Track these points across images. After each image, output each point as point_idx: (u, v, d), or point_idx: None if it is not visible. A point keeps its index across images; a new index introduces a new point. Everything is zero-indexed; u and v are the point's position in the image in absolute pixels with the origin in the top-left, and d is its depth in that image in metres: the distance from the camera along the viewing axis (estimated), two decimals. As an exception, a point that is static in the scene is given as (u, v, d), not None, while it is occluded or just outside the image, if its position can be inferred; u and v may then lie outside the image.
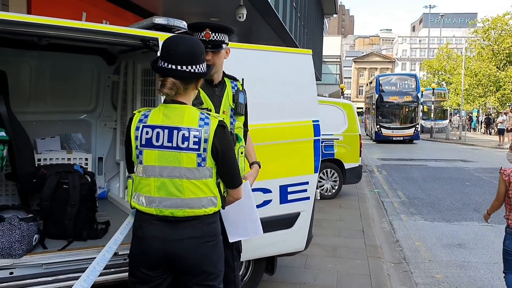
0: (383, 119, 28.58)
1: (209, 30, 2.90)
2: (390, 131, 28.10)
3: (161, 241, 2.27)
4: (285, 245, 4.08)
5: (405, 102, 28.84)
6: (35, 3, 7.80)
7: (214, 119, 2.33)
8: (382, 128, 28.16)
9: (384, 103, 28.66)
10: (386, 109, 28.80)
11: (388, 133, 28.05)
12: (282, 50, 4.14)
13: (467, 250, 6.49)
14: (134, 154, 2.34)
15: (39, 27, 3.04)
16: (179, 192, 2.27)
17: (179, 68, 2.29)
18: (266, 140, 3.84)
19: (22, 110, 4.45)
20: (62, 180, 3.58)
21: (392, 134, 28.09)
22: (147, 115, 2.35)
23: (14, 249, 3.06)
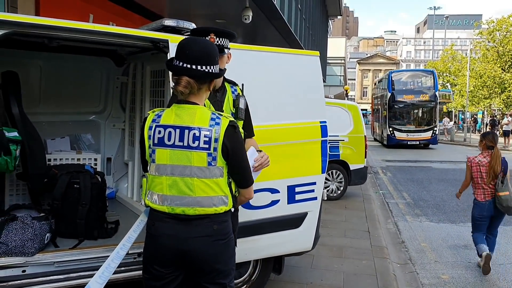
0: (396, 120, 25.60)
1: (213, 35, 2.99)
2: (405, 134, 25.18)
3: (173, 238, 2.32)
4: (292, 244, 4.11)
5: (421, 101, 25.64)
6: (43, 5, 7.87)
7: (225, 119, 2.38)
8: (395, 131, 25.06)
9: (398, 103, 25.57)
10: (399, 110, 25.89)
11: (402, 136, 25.01)
12: (291, 51, 4.18)
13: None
14: (148, 153, 2.39)
15: (51, 29, 3.10)
16: (190, 191, 2.31)
17: (194, 68, 2.34)
18: (274, 140, 3.88)
19: (33, 111, 4.51)
20: (73, 180, 3.65)
21: (406, 137, 25.16)
22: (160, 115, 2.40)
23: (26, 248, 3.12)
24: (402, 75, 27.78)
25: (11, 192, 4.24)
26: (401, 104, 25.69)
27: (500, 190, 5.37)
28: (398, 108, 25.78)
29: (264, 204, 3.85)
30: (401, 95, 25.64)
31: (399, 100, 25.58)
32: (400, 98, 25.55)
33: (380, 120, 28.35)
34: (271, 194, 3.87)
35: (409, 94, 25.94)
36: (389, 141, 25.17)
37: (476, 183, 5.58)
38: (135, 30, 3.51)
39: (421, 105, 25.81)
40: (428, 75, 26.93)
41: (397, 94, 25.63)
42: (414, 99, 25.72)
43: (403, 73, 28.72)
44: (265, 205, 3.85)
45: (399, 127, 25.34)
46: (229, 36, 3.13)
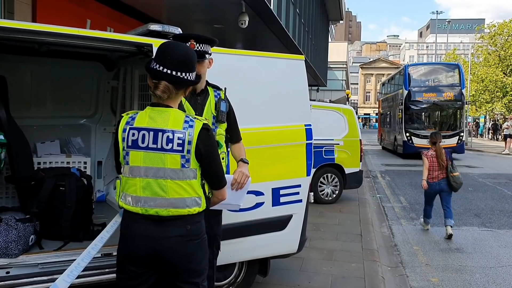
0: (414, 124, 21.48)
1: (193, 41, 3.09)
2: (425, 140, 19.75)
3: (146, 239, 2.36)
4: (277, 247, 4.15)
5: (444, 101, 21.38)
6: (40, 10, 7.95)
7: (199, 122, 2.43)
8: (414, 137, 20.88)
9: (416, 103, 21.40)
10: (418, 111, 21.86)
11: (422, 143, 20.06)
12: (275, 55, 4.24)
13: (465, 254, 6.51)
14: (121, 155, 2.43)
15: (34, 34, 3.15)
16: (164, 192, 2.36)
17: (174, 74, 2.39)
18: (259, 143, 3.93)
19: (23, 115, 4.58)
20: (59, 182, 3.69)
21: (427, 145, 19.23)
22: (134, 117, 2.45)
23: (10, 249, 3.16)
24: (421, 69, 23.26)
25: (0, 195, 4.30)
26: (420, 104, 21.54)
27: (454, 171, 7.28)
28: (417, 109, 21.74)
29: (248, 206, 3.88)
30: (420, 94, 21.54)
31: (418, 100, 21.42)
32: (419, 97, 21.44)
33: (392, 125, 24.78)
34: (256, 196, 3.91)
35: (430, 92, 21.64)
36: (406, 149, 20.88)
37: (430, 170, 7.40)
38: (119, 35, 3.56)
39: (445, 105, 21.62)
40: (452, 69, 22.58)
41: (415, 92, 21.58)
42: (436, 98, 21.40)
43: (422, 67, 23.93)
44: (249, 207, 3.89)
45: (417, 132, 21.07)
46: (210, 42, 3.19)
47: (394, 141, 23.74)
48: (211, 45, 3.20)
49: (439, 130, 20.11)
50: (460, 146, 21.12)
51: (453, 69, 22.44)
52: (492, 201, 10.75)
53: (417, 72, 22.82)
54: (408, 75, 21.88)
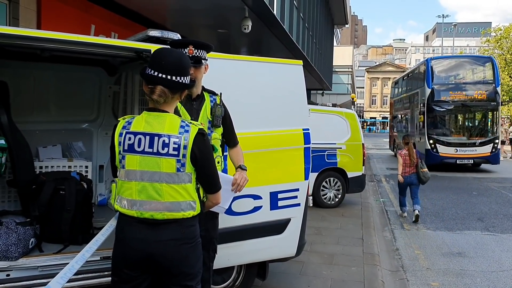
0: (438, 129, 18.07)
1: (192, 47, 3.13)
2: (452, 149, 17.51)
3: (141, 242, 2.39)
4: (275, 250, 4.17)
5: (476, 101, 18.01)
6: (45, 16, 8.04)
7: (194, 127, 2.47)
8: (439, 145, 17.57)
9: (441, 104, 17.95)
10: (443, 113, 18.29)
11: (448, 152, 17.40)
12: (273, 61, 4.27)
13: (466, 258, 6.50)
14: (117, 159, 2.48)
15: (34, 40, 3.21)
16: (159, 196, 2.39)
17: (169, 78, 2.44)
18: (257, 147, 3.97)
19: (26, 120, 4.64)
20: (59, 186, 3.74)
21: (455, 154, 17.52)
22: (131, 122, 2.49)
23: (10, 252, 3.21)
24: (446, 63, 19.46)
25: (2, 199, 4.35)
26: (446, 105, 18.14)
27: (423, 168, 8.77)
28: (442, 111, 18.17)
29: (246, 210, 3.92)
30: (446, 92, 18.17)
31: (443, 100, 18.04)
32: (444, 96, 18.09)
33: (409, 129, 21.49)
34: (254, 200, 3.95)
35: (458, 90, 18.20)
36: (429, 159, 16.84)
37: (403, 166, 8.84)
38: (118, 41, 3.62)
39: (476, 106, 18.34)
40: (484, 64, 18.90)
41: (440, 90, 18.15)
42: (465, 97, 18.06)
43: (447, 61, 19.94)
44: (247, 211, 3.93)
45: (443, 138, 17.79)
46: (207, 48, 3.25)
47: None
48: (207, 51, 3.25)
49: (469, 136, 18.14)
50: (495, 156, 17.64)
51: (485, 63, 18.83)
52: (496, 205, 10.71)
53: (442, 67, 19.10)
54: (431, 70, 18.18)
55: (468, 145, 17.76)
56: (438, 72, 18.66)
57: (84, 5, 9.12)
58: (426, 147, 17.81)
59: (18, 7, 7.51)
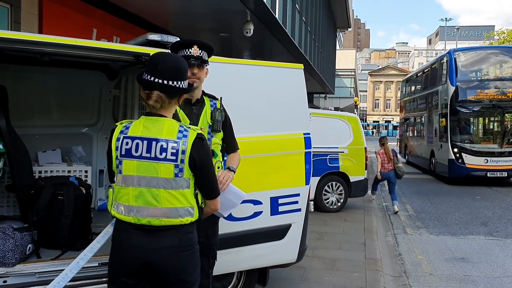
0: (464, 136, 15.15)
1: (196, 47, 3.09)
2: (481, 159, 14.61)
3: (138, 249, 2.35)
4: (276, 256, 4.12)
5: (510, 101, 15.18)
6: (47, 20, 8.04)
7: (193, 132, 2.43)
8: (465, 154, 14.72)
9: (467, 105, 15.09)
10: (470, 117, 15.41)
11: (477, 163, 14.56)
12: (274, 64, 4.23)
13: (470, 264, 6.43)
14: (114, 164, 2.44)
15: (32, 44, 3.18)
16: (156, 202, 2.35)
17: (165, 83, 2.41)
18: (257, 152, 3.93)
19: (26, 124, 4.62)
20: (57, 191, 3.70)
21: (485, 165, 14.58)
22: (128, 126, 2.46)
23: (7, 258, 3.17)
24: (473, 56, 16.22)
25: (1, 204, 4.32)
26: (473, 106, 15.18)
27: (398, 163, 10.18)
28: (468, 113, 15.22)
29: (246, 215, 3.87)
30: (473, 91, 15.20)
31: (470, 100, 15.14)
32: (471, 95, 15.16)
33: (425, 134, 18.61)
34: (254, 205, 3.90)
35: (488, 88, 15.31)
36: (453, 171, 14.77)
37: (382, 164, 10.10)
38: (118, 45, 3.59)
39: (511, 107, 15.32)
40: None
41: (466, 88, 15.23)
42: (497, 97, 15.18)
43: (474, 53, 16.47)
44: (247, 216, 3.88)
45: (470, 146, 14.94)
46: (209, 50, 3.20)
47: (431, 157, 17.29)
48: (209, 54, 3.21)
49: (502, 144, 14.95)
50: None
51: None
52: (500, 210, 10.63)
53: (468, 60, 16.02)
54: (454, 64, 15.29)
55: (501, 154, 14.68)
56: (463, 66, 15.62)
57: (86, 9, 9.12)
58: (449, 157, 14.84)
59: (19, 11, 7.51)
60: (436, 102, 17.01)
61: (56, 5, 8.16)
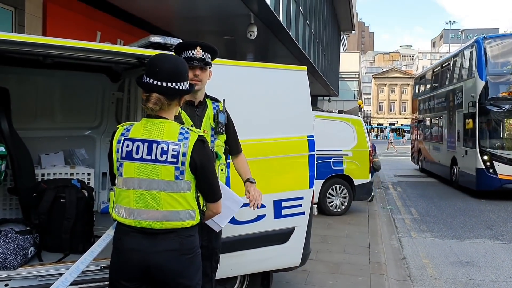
0: (495, 140, 12.89)
1: (200, 48, 3.07)
2: None
3: (139, 253, 2.32)
4: (279, 260, 4.09)
5: None
6: (51, 23, 8.05)
7: (194, 134, 2.40)
8: (496, 162, 12.54)
9: (500, 103, 12.75)
10: (503, 117, 12.87)
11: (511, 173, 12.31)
12: (277, 67, 4.21)
13: (475, 268, 6.37)
14: (115, 166, 2.41)
15: (35, 46, 3.17)
16: (157, 204, 2.33)
17: (164, 85, 2.38)
18: (260, 155, 3.89)
19: (29, 126, 4.61)
20: (59, 194, 3.68)
21: None
22: (129, 129, 2.44)
23: (9, 261, 3.15)
24: (506, 44, 13.42)
25: (4, 206, 4.30)
26: (507, 105, 12.74)
27: (375, 158, 11.08)
28: (501, 113, 12.83)
29: (249, 219, 3.84)
30: (507, 86, 12.79)
31: (504, 97, 12.79)
32: (505, 91, 12.80)
33: (445, 138, 16.23)
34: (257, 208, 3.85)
35: None
36: (483, 183, 12.63)
37: None
38: (120, 47, 3.58)
39: None
40: None
41: (499, 83, 12.87)
42: None
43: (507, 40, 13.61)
44: (250, 219, 3.85)
45: (504, 153, 12.64)
46: (213, 52, 3.18)
47: (452, 166, 14.98)
48: (213, 56, 3.19)
49: None
50: None
51: None
52: (505, 213, 10.56)
53: (499, 49, 13.43)
54: (484, 54, 12.92)
55: None
56: (494, 57, 13.10)
57: (90, 12, 9.13)
58: (477, 165, 12.63)
59: (23, 14, 7.52)
60: (459, 100, 14.45)
61: (60, 8, 8.18)
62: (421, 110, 20.54)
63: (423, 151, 19.79)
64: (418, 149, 20.72)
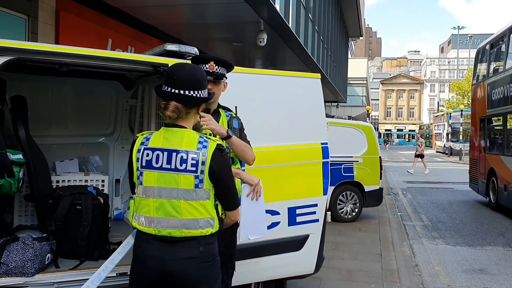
0: None
1: (213, 63, 3.12)
2: None
3: (159, 260, 2.34)
4: (294, 267, 4.08)
5: None
6: (63, 31, 8.14)
7: (212, 143, 2.42)
8: None
9: None
10: None
11: None
12: (291, 74, 4.23)
13: (489, 275, 6.32)
14: (135, 175, 2.44)
15: (52, 55, 3.21)
16: (177, 213, 2.34)
17: (182, 93, 2.41)
18: (275, 162, 3.91)
19: (44, 134, 4.65)
20: (76, 201, 3.71)
21: None
22: (149, 138, 2.46)
23: (26, 268, 3.17)
24: None
25: (20, 213, 4.34)
26: None
27: None
28: None
29: (264, 226, 3.83)
30: None
31: None
32: None
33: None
34: (271, 216, 3.87)
35: None
36: None
37: None
38: (136, 55, 3.61)
39: None
40: None
41: None
42: None
43: None
44: (265, 227, 3.84)
45: None
46: (228, 66, 3.22)
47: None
48: (228, 70, 3.23)
49: None
50: None
51: None
52: (517, 220, 10.46)
53: None
54: None
55: None
56: None
57: (101, 20, 9.22)
58: None
59: (37, 22, 7.61)
60: None
61: (72, 15, 8.26)
62: (494, 102, 12.03)
63: (500, 172, 11.36)
64: (488, 169, 12.13)
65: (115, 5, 9.41)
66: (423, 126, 73.50)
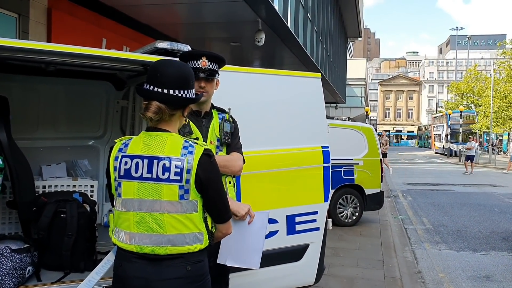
0: None
1: (205, 59, 2.88)
2: None
3: (142, 281, 2.09)
4: (293, 279, 3.86)
5: None
6: (55, 30, 7.92)
7: (199, 148, 2.15)
8: None
9: None
10: None
11: None
12: (290, 73, 4.01)
13: (495, 283, 6.10)
14: (113, 186, 2.19)
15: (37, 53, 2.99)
16: (160, 228, 2.09)
17: (165, 92, 2.14)
18: (273, 167, 3.69)
19: (30, 137, 4.43)
20: (60, 209, 3.48)
21: None
22: (128, 144, 2.20)
23: (4, 283, 2.95)
24: None
25: (3, 220, 4.10)
26: None
27: None
28: None
29: (261, 235, 3.61)
30: None
31: None
32: None
33: None
34: (269, 224, 3.62)
35: None
36: None
37: None
38: (125, 53, 3.40)
39: None
40: None
41: None
42: None
43: None
44: (262, 236, 3.62)
45: None
46: (220, 61, 2.98)
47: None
48: (220, 65, 2.98)
49: None
50: None
51: None
52: (521, 224, 10.25)
53: None
54: None
55: None
56: None
57: (95, 19, 9.00)
58: None
59: (28, 20, 7.39)
60: None
61: (65, 14, 8.04)
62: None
63: None
64: None
65: (110, 4, 9.19)
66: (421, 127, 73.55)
